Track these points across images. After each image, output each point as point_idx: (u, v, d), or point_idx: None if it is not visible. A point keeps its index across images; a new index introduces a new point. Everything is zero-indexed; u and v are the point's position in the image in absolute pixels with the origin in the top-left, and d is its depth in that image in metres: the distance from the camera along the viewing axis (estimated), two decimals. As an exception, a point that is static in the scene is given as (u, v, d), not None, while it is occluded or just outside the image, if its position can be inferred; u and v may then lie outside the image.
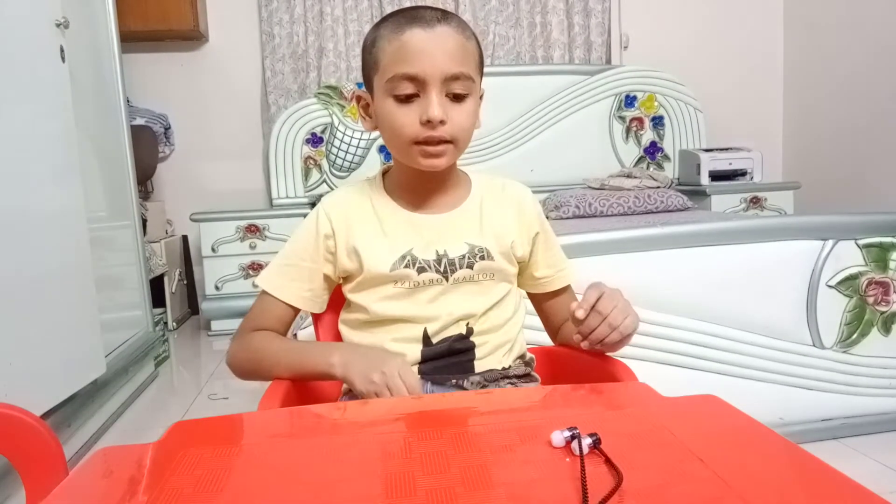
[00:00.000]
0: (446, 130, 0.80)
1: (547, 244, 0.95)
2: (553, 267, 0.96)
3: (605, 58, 3.70)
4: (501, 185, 0.95)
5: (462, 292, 0.87)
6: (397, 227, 0.88)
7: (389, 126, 0.83)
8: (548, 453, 0.51)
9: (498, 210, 0.91)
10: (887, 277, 1.62)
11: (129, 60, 2.84)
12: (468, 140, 0.85)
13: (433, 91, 0.79)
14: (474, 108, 0.84)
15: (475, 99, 0.84)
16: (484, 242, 0.88)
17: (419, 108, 0.80)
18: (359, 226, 0.88)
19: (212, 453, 0.53)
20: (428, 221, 0.89)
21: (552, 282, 0.96)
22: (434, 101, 0.79)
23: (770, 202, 3.30)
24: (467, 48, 0.82)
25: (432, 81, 0.79)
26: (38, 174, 1.67)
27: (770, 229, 1.62)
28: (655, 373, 1.51)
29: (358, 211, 0.90)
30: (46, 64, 1.77)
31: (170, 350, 2.80)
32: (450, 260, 0.86)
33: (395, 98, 0.81)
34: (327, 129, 3.33)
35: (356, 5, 3.47)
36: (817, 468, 0.47)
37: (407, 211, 0.89)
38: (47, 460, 0.68)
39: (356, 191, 0.93)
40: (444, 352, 0.86)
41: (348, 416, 0.67)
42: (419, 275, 0.85)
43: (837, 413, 1.63)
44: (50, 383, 1.63)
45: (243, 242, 3.09)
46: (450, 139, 0.81)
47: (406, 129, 0.81)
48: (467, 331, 0.87)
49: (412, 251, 0.86)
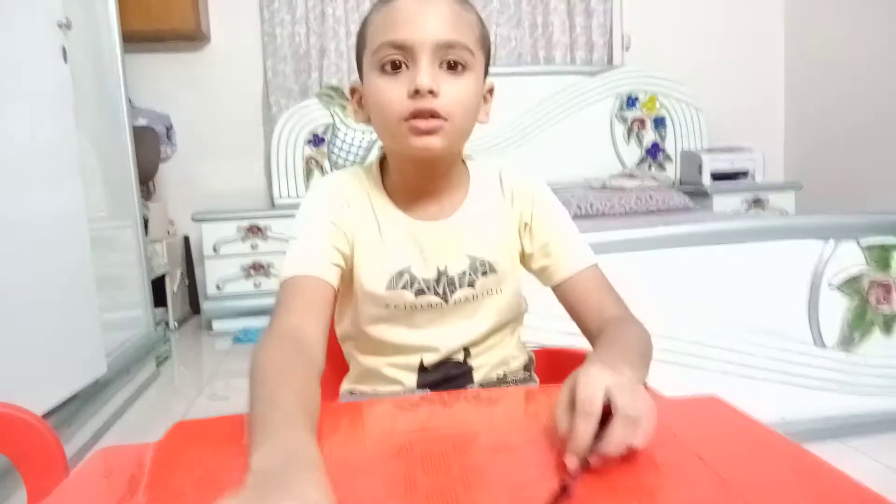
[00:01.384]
0: (438, 103, 0.69)
1: (541, 230, 0.82)
2: (549, 256, 0.81)
3: (606, 58, 3.70)
4: (498, 176, 0.84)
5: (462, 315, 0.80)
6: (396, 237, 0.79)
7: (376, 103, 0.73)
8: (549, 453, 0.51)
9: (497, 206, 0.82)
10: (889, 278, 1.62)
11: (131, 61, 2.85)
12: (467, 121, 0.74)
13: (423, 59, 0.69)
14: (474, 87, 0.73)
15: (476, 77, 0.74)
16: (485, 253, 0.80)
17: (407, 80, 0.69)
18: (357, 221, 0.79)
19: (212, 453, 0.53)
20: (428, 231, 0.79)
21: (554, 271, 0.81)
22: (424, 68, 0.69)
23: (772, 202, 3.30)
24: (464, 17, 0.72)
25: (422, 48, 0.69)
26: (40, 175, 1.67)
27: (772, 230, 1.61)
28: (657, 373, 1.50)
29: (357, 204, 0.79)
30: (48, 64, 1.77)
31: (171, 350, 2.80)
32: (449, 279, 0.79)
33: (382, 70, 0.71)
34: (329, 130, 3.33)
35: (358, 6, 3.47)
36: (819, 468, 0.47)
37: (407, 217, 0.79)
38: (48, 460, 0.68)
39: (356, 182, 0.81)
40: (440, 379, 0.81)
41: (348, 416, 0.67)
42: (416, 297, 0.78)
43: (839, 413, 1.62)
44: (51, 383, 1.63)
45: (245, 243, 3.09)
46: (443, 115, 0.70)
47: (393, 104, 0.70)
48: (465, 355, 0.82)
49: (410, 269, 0.78)
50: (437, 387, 0.81)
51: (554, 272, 0.81)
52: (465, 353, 0.82)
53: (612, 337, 0.71)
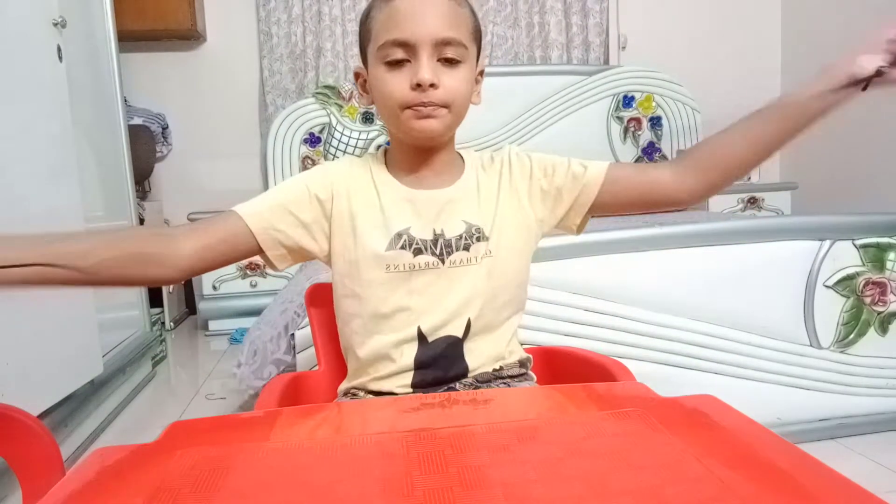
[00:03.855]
0: (438, 95, 0.78)
1: (552, 177, 0.88)
2: (577, 181, 0.87)
3: (603, 58, 3.71)
4: (490, 157, 0.92)
5: (459, 279, 0.84)
6: (395, 203, 0.85)
7: (381, 93, 0.81)
8: (547, 453, 0.51)
9: (493, 183, 0.89)
10: (884, 277, 1.62)
11: (127, 60, 2.84)
12: (464, 107, 0.83)
13: (424, 55, 0.77)
14: (468, 76, 0.82)
15: (469, 67, 0.82)
16: (481, 220, 0.86)
17: (410, 73, 0.78)
18: (358, 196, 0.85)
19: (209, 453, 0.53)
20: (426, 197, 0.86)
21: (589, 186, 0.87)
22: (424, 64, 0.77)
23: (767, 202, 3.31)
24: (459, 14, 0.81)
25: (422, 46, 0.77)
26: (35, 174, 1.67)
27: (767, 230, 1.62)
28: (653, 373, 1.51)
29: (359, 181, 0.87)
30: (43, 63, 1.77)
31: (167, 350, 2.79)
32: (446, 241, 0.84)
33: (387, 65, 0.79)
34: (325, 129, 3.33)
35: (354, 5, 3.47)
36: (814, 468, 0.47)
37: (406, 187, 0.86)
38: (44, 460, 0.68)
39: (358, 162, 0.90)
40: (438, 355, 0.83)
41: (345, 416, 0.67)
42: (415, 257, 0.83)
43: (835, 413, 1.63)
44: (47, 383, 1.63)
45: (241, 242, 3.08)
46: (442, 104, 0.79)
47: (396, 94, 0.79)
48: (466, 327, 0.84)
49: (409, 230, 0.83)
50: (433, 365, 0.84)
51: (588, 191, 0.87)
52: (465, 330, 0.84)
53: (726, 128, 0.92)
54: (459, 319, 0.84)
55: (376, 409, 0.70)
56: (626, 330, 1.51)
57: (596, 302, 1.49)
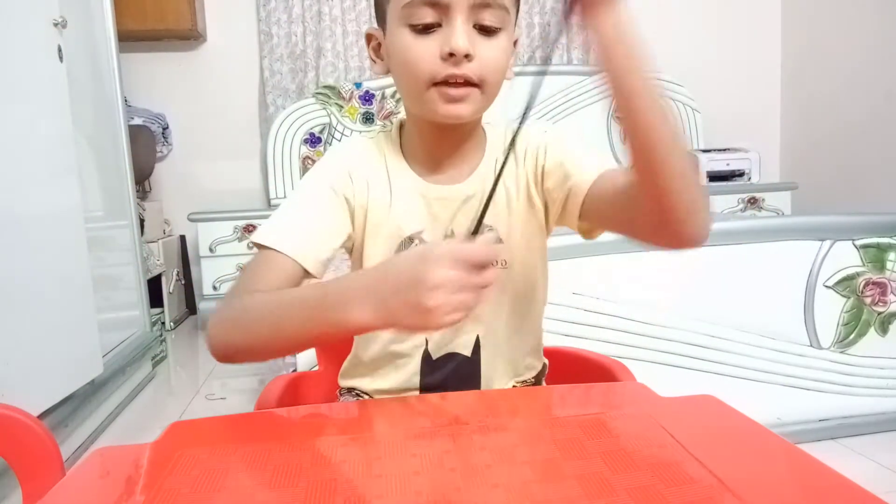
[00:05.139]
0: (472, 69, 0.66)
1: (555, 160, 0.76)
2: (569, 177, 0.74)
3: (603, 58, 3.70)
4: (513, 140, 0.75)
5: None
6: (408, 201, 0.76)
7: (403, 62, 0.68)
8: (547, 453, 0.51)
9: (511, 177, 0.78)
10: (884, 278, 1.62)
11: (127, 60, 2.83)
12: (498, 86, 0.70)
13: (458, 18, 0.65)
14: (507, 46, 0.69)
15: (509, 36, 0.70)
16: (495, 220, 0.75)
17: (440, 40, 0.66)
18: (371, 189, 0.76)
19: (209, 453, 0.53)
20: (442, 195, 0.76)
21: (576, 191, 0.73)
22: (459, 29, 0.65)
23: (767, 203, 3.31)
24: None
25: (457, 7, 0.65)
26: (36, 174, 1.67)
27: (767, 230, 1.62)
28: (653, 373, 1.51)
29: (373, 171, 0.76)
30: (44, 63, 1.77)
31: (167, 350, 2.79)
32: None
33: (412, 28, 0.66)
34: (325, 129, 3.33)
35: (354, 5, 3.47)
36: (814, 468, 0.47)
37: (422, 181, 0.76)
38: (44, 461, 0.68)
39: (372, 146, 0.79)
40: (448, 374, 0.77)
41: (346, 415, 0.67)
42: None
43: (835, 413, 1.63)
44: (47, 383, 1.63)
45: (241, 242, 3.08)
46: (476, 81, 0.67)
47: (423, 65, 0.66)
48: (475, 345, 0.77)
49: (421, 234, 0.75)
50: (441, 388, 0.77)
51: (577, 191, 0.72)
52: (474, 348, 0.77)
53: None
54: (467, 337, 0.77)
55: (377, 409, 0.70)
56: (626, 330, 1.51)
57: (596, 302, 1.49)
